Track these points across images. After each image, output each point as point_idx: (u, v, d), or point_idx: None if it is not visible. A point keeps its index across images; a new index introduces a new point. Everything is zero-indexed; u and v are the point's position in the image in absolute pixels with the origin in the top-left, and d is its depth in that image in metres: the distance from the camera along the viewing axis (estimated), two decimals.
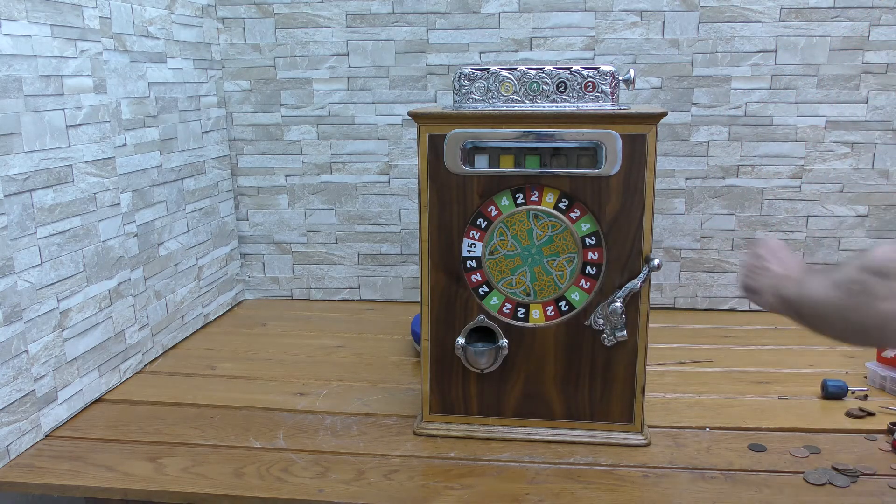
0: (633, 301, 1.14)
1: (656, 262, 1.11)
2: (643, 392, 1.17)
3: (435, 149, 1.13)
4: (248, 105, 1.86)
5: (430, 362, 1.21)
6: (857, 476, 1.07)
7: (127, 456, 1.17)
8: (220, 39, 1.83)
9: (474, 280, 1.18)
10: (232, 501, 1.06)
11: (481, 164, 1.14)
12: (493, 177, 1.13)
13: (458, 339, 1.18)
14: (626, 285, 1.12)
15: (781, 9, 1.67)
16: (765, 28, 1.68)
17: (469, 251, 1.17)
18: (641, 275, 1.12)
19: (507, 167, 1.14)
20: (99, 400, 1.37)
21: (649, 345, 1.18)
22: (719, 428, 1.23)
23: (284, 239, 1.94)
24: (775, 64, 1.70)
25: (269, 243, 1.95)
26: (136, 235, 1.48)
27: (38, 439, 1.22)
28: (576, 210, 1.13)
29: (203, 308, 1.78)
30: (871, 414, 1.25)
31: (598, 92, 1.12)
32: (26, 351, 1.18)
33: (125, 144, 1.44)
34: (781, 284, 0.80)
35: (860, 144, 1.72)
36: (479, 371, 1.19)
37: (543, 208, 1.14)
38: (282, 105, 1.85)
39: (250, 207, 1.93)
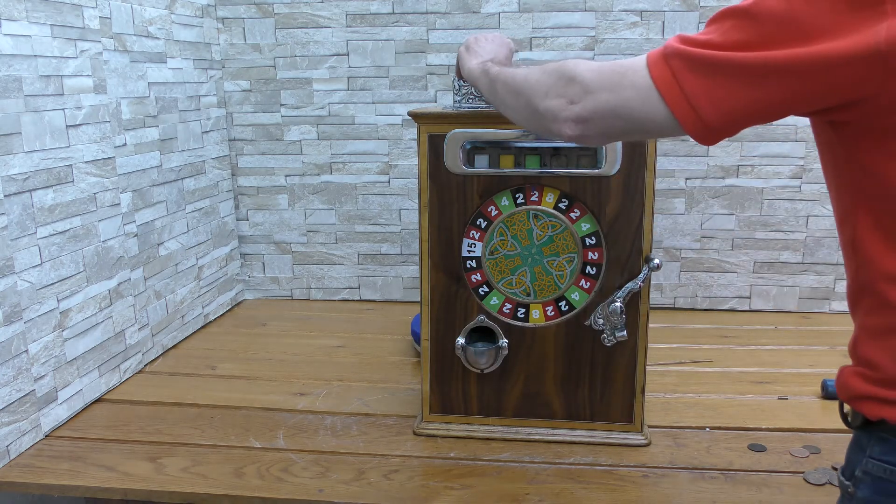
0: (633, 301, 1.14)
1: (656, 261, 1.11)
2: (643, 392, 1.17)
3: (435, 149, 1.13)
4: (248, 105, 1.86)
5: (430, 362, 1.21)
6: None
7: (127, 456, 1.17)
8: (220, 39, 1.83)
9: (474, 280, 1.18)
10: (232, 501, 1.06)
11: (481, 164, 1.14)
12: (493, 177, 1.13)
13: (458, 339, 1.18)
14: (626, 285, 1.12)
15: None
16: None
17: (469, 251, 1.17)
18: (641, 275, 1.12)
19: (507, 167, 1.14)
20: (99, 400, 1.37)
21: (649, 345, 1.18)
22: (719, 428, 1.23)
23: (284, 239, 1.94)
24: None
25: (269, 243, 1.95)
26: (136, 235, 1.48)
27: (38, 439, 1.22)
28: (576, 210, 1.13)
29: (203, 308, 1.78)
30: None
31: None
32: (26, 351, 1.18)
33: (125, 144, 1.44)
34: (483, 64, 0.93)
35: None
36: (479, 371, 1.19)
37: (543, 208, 1.14)
38: (282, 105, 1.85)
39: (250, 207, 1.93)
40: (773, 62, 0.58)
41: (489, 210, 1.15)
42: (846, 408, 0.71)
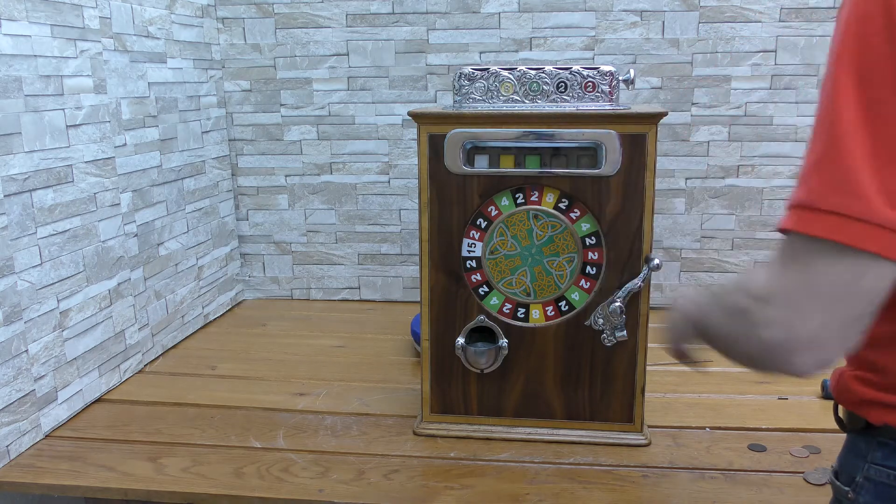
0: (633, 301, 1.14)
1: (656, 261, 1.11)
2: (643, 392, 1.17)
3: (435, 149, 1.13)
4: (248, 105, 1.86)
5: (430, 362, 1.21)
6: None
7: (127, 456, 1.17)
8: (220, 39, 1.83)
9: (474, 280, 1.18)
10: (232, 501, 1.06)
11: (481, 164, 1.14)
12: (493, 177, 1.13)
13: (458, 339, 1.18)
14: (626, 285, 1.12)
15: (781, 9, 1.67)
16: (765, 28, 1.68)
17: (469, 251, 1.17)
18: (641, 275, 1.12)
19: (507, 167, 1.14)
20: (99, 400, 1.37)
21: (649, 345, 1.17)
22: (719, 428, 1.23)
23: (284, 239, 1.94)
24: (775, 64, 1.70)
25: (269, 243, 1.95)
26: (136, 235, 1.48)
27: (38, 439, 1.22)
28: (576, 210, 1.13)
29: (203, 308, 1.78)
30: None
31: (597, 92, 1.12)
32: (26, 351, 1.18)
33: (125, 144, 1.44)
34: (691, 313, 0.75)
35: None
36: (479, 371, 1.19)
37: (543, 208, 1.14)
38: (282, 105, 1.85)
39: (250, 207, 1.93)
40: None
41: (489, 210, 1.15)
42: (842, 411, 0.70)
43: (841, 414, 0.70)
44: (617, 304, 1.12)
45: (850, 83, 0.53)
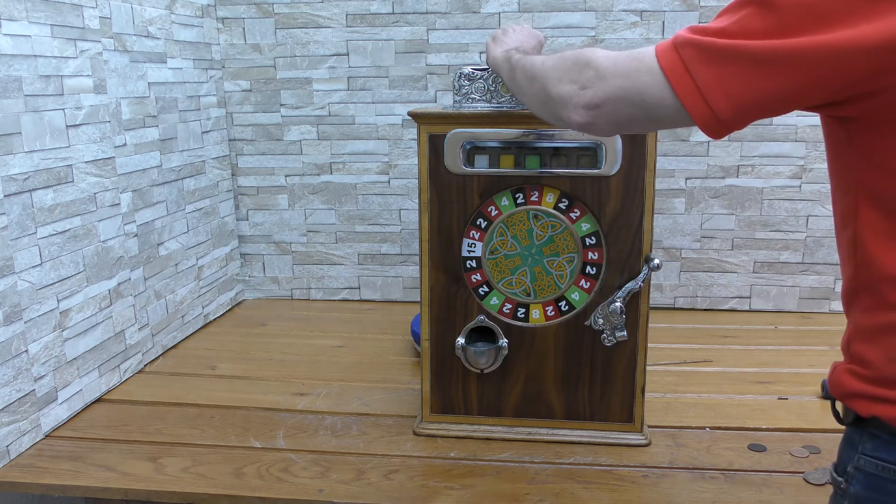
0: (633, 301, 1.14)
1: (656, 261, 1.11)
2: (643, 392, 1.17)
3: (435, 149, 1.13)
4: (248, 105, 1.86)
5: (430, 362, 1.21)
6: None
7: (127, 456, 1.17)
8: (220, 39, 1.83)
9: (474, 280, 1.18)
10: (232, 501, 1.06)
11: (481, 164, 1.14)
12: (493, 177, 1.13)
13: (458, 339, 1.18)
14: (626, 285, 1.12)
15: None
16: None
17: (469, 251, 1.17)
18: (641, 275, 1.12)
19: (507, 167, 1.14)
20: (99, 400, 1.37)
21: (649, 345, 1.18)
22: (719, 428, 1.23)
23: (284, 239, 1.94)
24: None
25: (269, 243, 1.95)
26: (136, 235, 1.48)
27: (38, 439, 1.22)
28: (576, 210, 1.13)
29: (203, 308, 1.78)
30: None
31: None
32: (26, 351, 1.18)
33: (125, 144, 1.44)
34: (508, 51, 0.95)
35: None
36: (479, 371, 1.19)
37: (543, 208, 1.14)
38: (282, 105, 1.85)
39: (250, 207, 1.93)
40: (790, 50, 0.57)
41: (489, 210, 1.15)
42: (838, 404, 0.71)
43: (837, 407, 0.72)
44: (617, 304, 1.12)
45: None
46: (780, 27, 0.58)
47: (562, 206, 1.14)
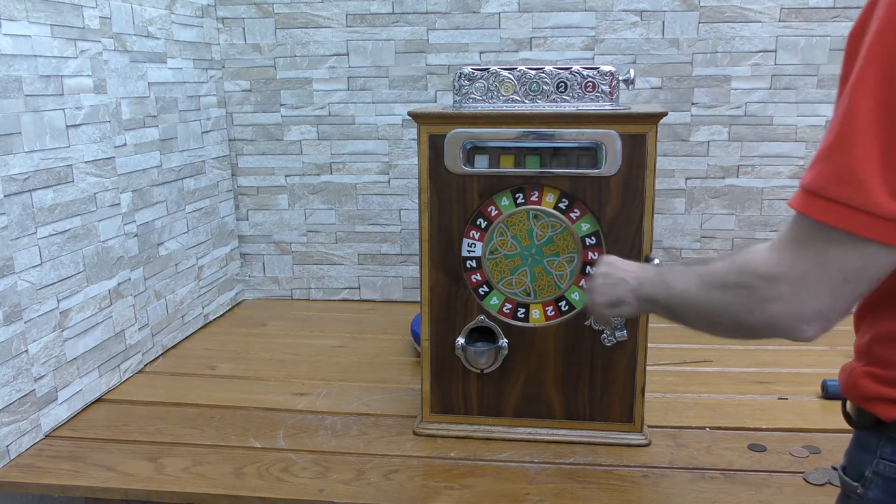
0: None
1: (656, 261, 1.11)
2: (643, 392, 1.17)
3: (435, 149, 1.13)
4: (248, 105, 1.86)
5: (430, 362, 1.21)
6: None
7: (127, 456, 1.17)
8: (220, 39, 1.83)
9: (474, 280, 1.18)
10: (232, 501, 1.06)
11: (481, 164, 1.14)
12: (493, 177, 1.13)
13: (458, 339, 1.18)
14: None
15: (781, 9, 1.67)
16: (765, 28, 1.68)
17: (469, 251, 1.17)
18: None
19: (507, 167, 1.14)
20: (99, 400, 1.37)
21: (649, 345, 1.18)
22: (719, 428, 1.23)
23: (284, 239, 1.94)
24: (775, 64, 1.70)
25: (269, 243, 1.95)
26: (136, 235, 1.48)
27: (38, 439, 1.22)
28: (576, 210, 1.13)
29: (203, 308, 1.78)
30: None
31: (598, 92, 1.12)
32: (26, 351, 1.18)
33: (125, 144, 1.44)
34: (640, 287, 0.81)
35: None
36: (479, 371, 1.19)
37: (543, 208, 1.14)
38: (282, 105, 1.85)
39: (250, 207, 1.93)
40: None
41: (489, 210, 1.15)
42: (850, 407, 0.71)
43: (849, 409, 0.71)
44: None
45: (873, 79, 0.55)
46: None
47: (562, 206, 1.14)
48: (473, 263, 1.17)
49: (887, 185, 0.55)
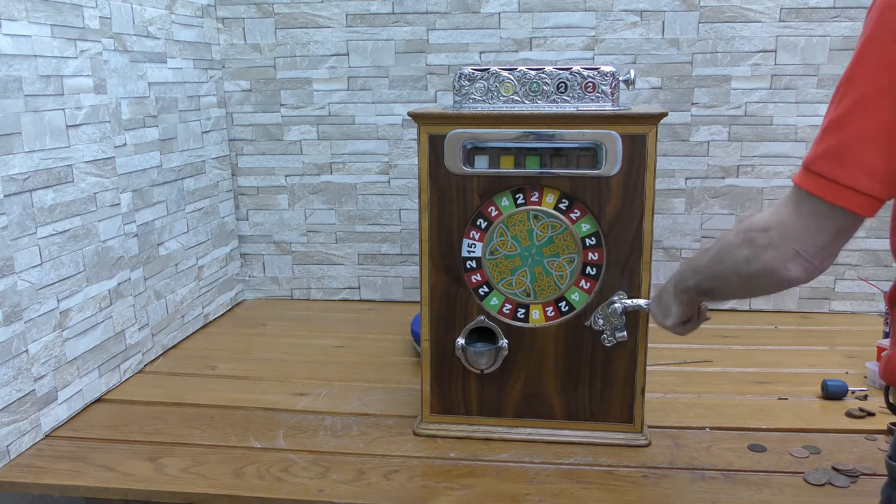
0: None
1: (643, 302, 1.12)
2: (643, 392, 1.17)
3: (435, 149, 1.13)
4: (248, 105, 1.86)
5: (430, 362, 1.21)
6: (857, 476, 1.07)
7: (127, 456, 1.17)
8: (220, 39, 1.83)
9: (474, 280, 1.18)
10: (232, 501, 1.06)
11: (481, 165, 1.14)
12: (493, 177, 1.13)
13: (458, 339, 1.18)
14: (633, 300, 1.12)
15: (781, 9, 1.67)
16: (765, 28, 1.68)
17: (469, 251, 1.17)
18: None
19: (507, 167, 1.14)
20: (99, 400, 1.37)
21: (649, 345, 1.18)
22: (719, 428, 1.23)
23: (284, 239, 1.94)
24: (775, 64, 1.70)
25: (269, 243, 1.95)
26: (136, 235, 1.48)
27: (38, 439, 1.22)
28: (576, 210, 1.13)
29: (203, 308, 1.78)
30: (871, 414, 1.25)
31: (598, 92, 1.12)
32: (26, 351, 1.18)
33: (125, 144, 1.44)
34: (676, 284, 0.94)
35: None
36: (479, 371, 1.19)
37: (543, 209, 1.14)
38: (282, 105, 1.85)
39: (250, 207, 1.93)
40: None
41: (489, 210, 1.15)
42: (892, 395, 0.73)
43: (892, 398, 0.72)
44: (617, 304, 1.12)
45: (872, 60, 0.64)
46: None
47: (562, 206, 1.14)
48: (473, 264, 1.17)
49: (869, 168, 0.65)
